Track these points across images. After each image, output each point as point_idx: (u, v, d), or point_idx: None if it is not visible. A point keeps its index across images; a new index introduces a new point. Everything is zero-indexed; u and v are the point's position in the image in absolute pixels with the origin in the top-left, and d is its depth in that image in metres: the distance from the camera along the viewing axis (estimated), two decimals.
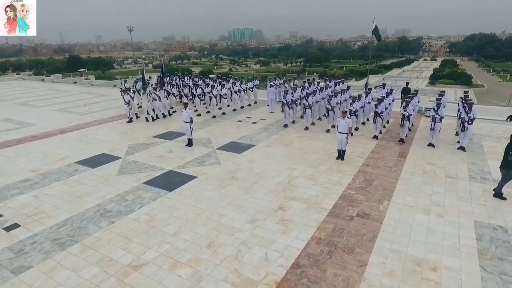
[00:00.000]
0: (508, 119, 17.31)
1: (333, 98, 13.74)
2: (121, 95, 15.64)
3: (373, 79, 56.46)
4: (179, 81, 19.91)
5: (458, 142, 11.97)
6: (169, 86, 18.18)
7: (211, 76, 25.54)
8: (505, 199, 7.93)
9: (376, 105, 12.71)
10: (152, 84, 16.84)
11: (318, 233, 6.64)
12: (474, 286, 5.16)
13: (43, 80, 39.90)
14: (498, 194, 8.04)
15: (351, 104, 13.28)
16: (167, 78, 20.18)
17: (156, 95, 15.53)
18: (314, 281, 5.32)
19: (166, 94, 17.49)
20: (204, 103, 18.02)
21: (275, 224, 6.97)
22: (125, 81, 19.33)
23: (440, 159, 10.65)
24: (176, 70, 53.17)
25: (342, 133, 10.31)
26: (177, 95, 18.51)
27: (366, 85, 26.30)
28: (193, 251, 6.10)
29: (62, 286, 5.29)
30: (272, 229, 6.79)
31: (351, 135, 11.04)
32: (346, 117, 10.35)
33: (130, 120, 15.57)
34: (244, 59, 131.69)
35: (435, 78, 60.89)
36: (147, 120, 15.65)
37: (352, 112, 12.65)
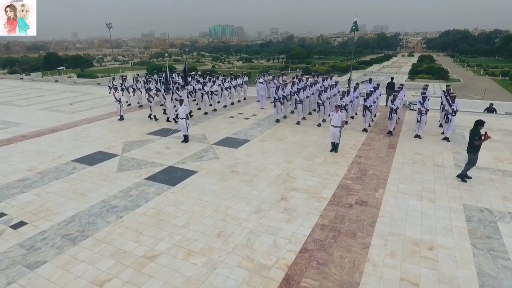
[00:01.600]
0: (485, 111, 18.32)
1: (323, 93, 14.16)
2: (112, 93, 15.48)
3: (355, 75, 57.62)
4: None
5: (443, 133, 12.67)
6: (158, 84, 18.08)
7: (198, 73, 25.49)
8: (470, 178, 8.75)
9: (365, 99, 13.23)
10: (139, 82, 16.66)
11: (321, 220, 7.01)
12: (467, 262, 5.66)
13: (21, 78, 38.59)
14: (462, 175, 8.78)
15: (341, 98, 13.75)
16: (155, 76, 20.15)
17: (178, 95, 14.89)
18: (323, 263, 5.68)
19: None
20: (194, 100, 18.11)
21: (279, 213, 7.29)
22: (113, 78, 19.12)
23: (427, 149, 11.26)
24: (160, 67, 52.48)
25: (336, 127, 10.73)
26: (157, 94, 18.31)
27: (349, 80, 27.02)
28: (204, 241, 6.34)
29: (81, 278, 5.42)
30: (277, 218, 7.11)
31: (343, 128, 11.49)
32: (339, 111, 10.78)
33: (122, 118, 15.49)
34: (227, 55, 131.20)
35: (414, 73, 62.87)
36: (168, 120, 14.89)
37: (342, 106, 13.10)
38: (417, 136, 12.52)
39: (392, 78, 18.42)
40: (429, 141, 12.06)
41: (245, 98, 20.09)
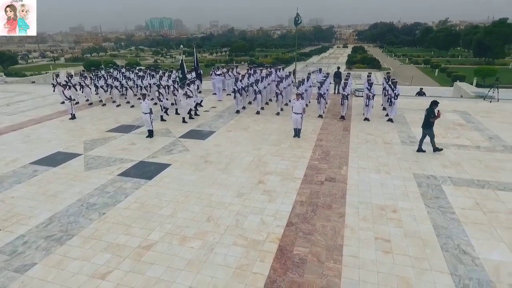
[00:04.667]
0: (417, 95, 20.75)
1: (280, 83, 14.91)
2: (60, 91, 14.50)
3: (298, 66, 59.99)
4: (118, 73, 19.02)
5: (387, 115, 14.22)
6: (100, 80, 17.24)
7: (142, 68, 24.57)
8: (441, 149, 10.15)
9: (319, 88, 14.26)
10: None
11: (299, 197, 7.70)
12: (424, 218, 6.77)
13: None
14: (436, 149, 10.17)
15: (297, 87, 14.62)
16: (96, 71, 19.25)
17: (190, 90, 13.73)
18: (308, 233, 6.36)
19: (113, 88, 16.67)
20: (135, 95, 17.60)
21: (260, 195, 7.83)
22: (57, 75, 17.77)
23: (376, 130, 12.63)
24: (98, 63, 49.28)
25: (297, 113, 11.52)
26: (106, 90, 17.59)
27: (294, 72, 28.30)
28: (196, 226, 6.63)
29: (79, 274, 5.41)
30: (259, 199, 7.64)
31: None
32: (299, 99, 11.58)
33: (73, 117, 14.63)
34: (167, 49, 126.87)
35: (350, 63, 67.47)
36: (184, 121, 13.77)
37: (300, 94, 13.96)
38: (366, 119, 13.90)
39: (338, 68, 19.89)
40: (376, 123, 13.49)
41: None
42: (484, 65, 51.70)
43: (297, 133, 11.89)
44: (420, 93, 21.18)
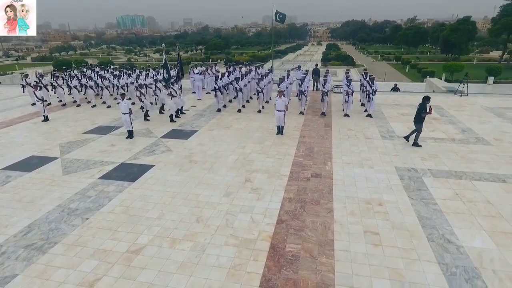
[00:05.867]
0: (391, 90, 21.40)
1: (261, 81, 14.90)
2: (33, 92, 13.77)
3: (275, 63, 60.26)
4: (92, 73, 18.31)
5: (365, 111, 14.57)
6: (73, 80, 16.57)
7: (117, 67, 23.86)
8: (420, 146, 10.49)
9: (299, 85, 14.38)
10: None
11: (287, 194, 7.73)
12: (408, 210, 6.98)
13: None
14: (415, 143, 10.57)
15: (278, 85, 14.67)
16: (72, 71, 18.45)
17: (174, 90, 13.49)
18: (299, 229, 6.40)
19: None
20: (111, 94, 17.09)
21: (248, 193, 7.79)
22: (26, 75, 16.87)
23: (356, 125, 12.91)
24: (68, 62, 47.34)
25: (280, 111, 11.56)
26: (80, 90, 16.96)
27: (270, 69, 28.45)
28: (185, 228, 6.50)
29: (65, 283, 5.16)
30: (247, 197, 7.60)
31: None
32: (282, 96, 11.62)
33: (46, 119, 13.95)
34: (141, 48, 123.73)
35: (326, 60, 68.49)
36: (172, 120, 13.54)
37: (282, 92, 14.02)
38: (346, 115, 14.18)
39: (316, 65, 20.14)
40: (356, 119, 13.79)
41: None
42: (450, 61, 54.07)
43: (280, 130, 11.94)
44: (395, 89, 21.89)
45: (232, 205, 7.31)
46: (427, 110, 10.05)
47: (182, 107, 14.55)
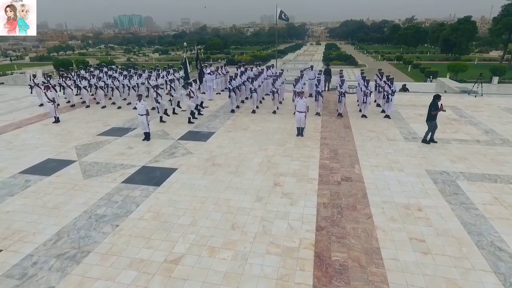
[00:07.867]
0: (400, 91, 21.23)
1: (276, 81, 14.64)
2: (43, 92, 13.42)
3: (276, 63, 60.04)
4: (101, 73, 17.97)
5: (383, 111, 14.33)
6: (82, 80, 16.20)
7: (119, 66, 23.43)
8: (436, 142, 10.43)
9: (316, 85, 14.12)
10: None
11: (320, 199, 7.47)
12: (450, 216, 6.75)
13: None
14: (424, 140, 10.46)
15: (294, 85, 14.41)
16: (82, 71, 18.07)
17: (192, 91, 13.09)
18: (341, 236, 6.15)
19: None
20: (121, 95, 16.76)
21: (280, 198, 7.53)
22: (34, 76, 16.49)
23: (376, 126, 12.68)
24: (68, 62, 46.80)
25: (301, 112, 11.30)
26: (90, 91, 16.58)
27: (282, 70, 28.26)
28: (222, 235, 6.23)
29: None
30: (280, 203, 7.34)
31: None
32: (303, 97, 11.36)
33: (57, 120, 13.60)
34: (139, 47, 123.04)
35: (327, 60, 68.26)
36: (190, 121, 13.23)
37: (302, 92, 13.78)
38: (363, 115, 13.94)
39: (328, 65, 19.92)
40: (374, 120, 13.55)
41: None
42: (451, 61, 54.08)
43: (300, 131, 11.68)
44: (404, 89, 21.71)
45: (266, 210, 7.04)
46: (438, 107, 10.06)
47: (202, 102, 14.36)
